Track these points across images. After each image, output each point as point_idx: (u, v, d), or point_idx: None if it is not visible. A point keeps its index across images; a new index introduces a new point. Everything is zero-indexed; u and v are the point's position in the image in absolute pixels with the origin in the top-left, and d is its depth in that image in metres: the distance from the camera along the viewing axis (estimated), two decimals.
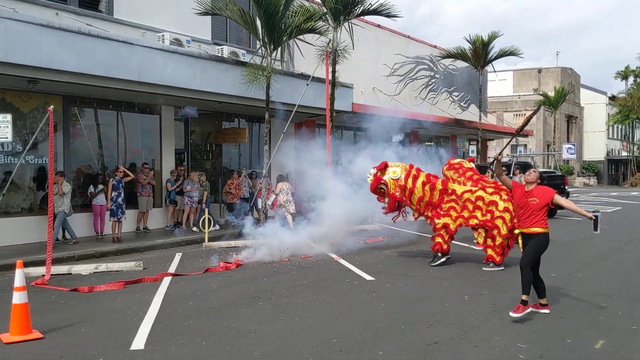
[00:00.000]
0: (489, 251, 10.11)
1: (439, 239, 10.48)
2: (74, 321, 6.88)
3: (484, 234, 10.32)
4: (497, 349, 5.75)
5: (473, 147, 27.03)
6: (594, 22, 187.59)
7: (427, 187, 10.65)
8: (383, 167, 10.77)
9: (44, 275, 9.29)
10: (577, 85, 57.28)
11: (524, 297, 6.78)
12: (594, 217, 6.85)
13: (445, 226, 10.48)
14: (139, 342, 6.04)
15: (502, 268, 9.95)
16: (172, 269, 10.33)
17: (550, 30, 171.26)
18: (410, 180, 10.68)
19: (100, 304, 7.81)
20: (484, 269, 10.02)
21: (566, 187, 20.63)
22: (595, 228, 6.90)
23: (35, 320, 6.48)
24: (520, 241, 7.25)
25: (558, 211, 20.13)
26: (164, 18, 15.42)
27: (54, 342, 6.10)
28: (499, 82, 48.53)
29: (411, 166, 10.97)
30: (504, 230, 9.97)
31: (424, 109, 26.21)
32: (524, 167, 20.69)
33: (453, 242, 11.38)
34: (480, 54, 25.48)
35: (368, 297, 8.07)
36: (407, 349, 5.76)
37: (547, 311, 7.06)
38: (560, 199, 7.13)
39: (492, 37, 25.22)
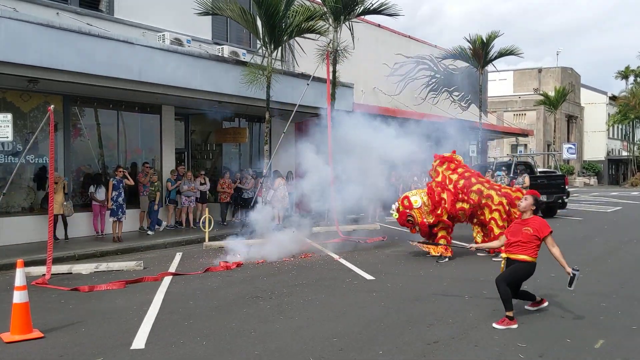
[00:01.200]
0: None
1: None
2: (74, 320, 6.89)
3: (481, 231, 11.31)
4: (497, 349, 5.76)
5: (473, 147, 26.99)
6: (594, 21, 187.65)
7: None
8: (404, 200, 11.32)
9: (44, 275, 9.30)
10: (577, 85, 57.28)
11: (508, 313, 6.52)
12: (572, 274, 6.56)
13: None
14: (139, 341, 6.05)
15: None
16: (172, 268, 10.34)
17: (551, 30, 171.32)
18: (435, 197, 11.19)
19: (100, 303, 7.82)
20: (493, 259, 10.61)
21: (566, 187, 20.62)
22: (570, 284, 6.56)
23: (35, 319, 6.49)
24: (502, 266, 6.95)
25: (558, 211, 20.15)
26: (164, 18, 15.43)
27: (54, 341, 6.11)
28: (499, 82, 48.59)
29: (429, 185, 11.49)
30: (500, 222, 10.92)
31: (425, 109, 26.21)
32: (527, 167, 20.74)
33: (453, 241, 11.50)
34: (480, 53, 25.48)
35: (368, 296, 8.08)
36: (407, 349, 5.77)
37: (546, 304, 7.22)
38: (550, 243, 6.74)
39: (492, 36, 25.23)
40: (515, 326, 6.45)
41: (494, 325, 6.48)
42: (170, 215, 15.77)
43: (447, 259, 10.92)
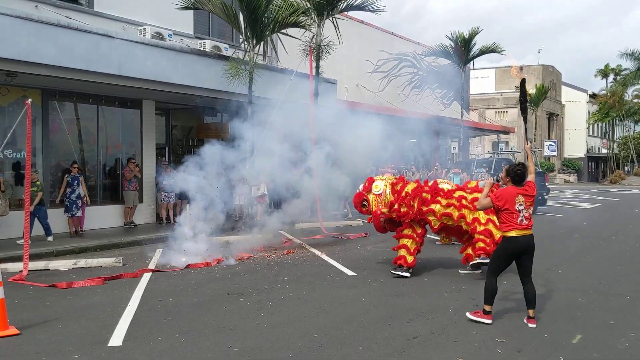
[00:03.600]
0: (469, 250, 9.28)
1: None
2: (51, 317, 6.80)
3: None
4: (476, 344, 5.79)
5: (455, 144, 27.16)
6: (575, 20, 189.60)
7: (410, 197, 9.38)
8: (366, 182, 9.91)
9: (21, 271, 9.16)
10: (558, 83, 57.81)
11: (486, 307, 6.47)
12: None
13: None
14: (116, 338, 5.98)
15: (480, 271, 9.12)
16: (152, 264, 10.25)
17: (533, 28, 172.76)
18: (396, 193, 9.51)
19: (78, 300, 7.72)
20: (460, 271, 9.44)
21: (546, 184, 20.82)
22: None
23: (12, 316, 6.39)
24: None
25: (538, 207, 20.34)
26: (145, 11, 15.26)
27: (30, 338, 6.02)
28: (482, 79, 48.85)
29: (401, 178, 9.99)
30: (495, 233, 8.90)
31: (408, 106, 26.27)
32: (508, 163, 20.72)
33: (429, 236, 11.25)
34: (462, 51, 25.60)
35: (349, 292, 8.08)
36: (387, 344, 5.77)
37: (533, 325, 6.36)
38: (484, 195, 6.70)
39: (473, 33, 25.36)
40: (489, 321, 6.41)
41: (467, 314, 6.56)
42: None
43: (407, 274, 9.08)
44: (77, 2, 14.13)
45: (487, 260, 8.60)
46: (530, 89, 45.39)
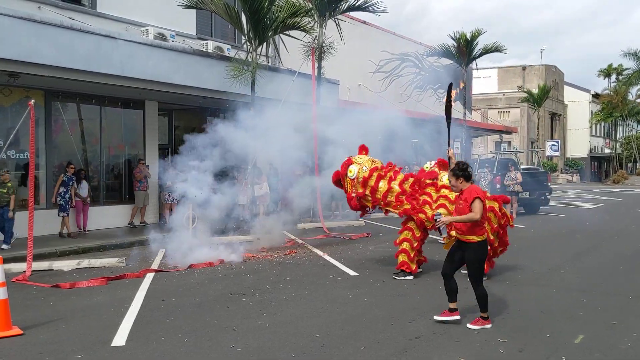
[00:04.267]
0: None
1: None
2: (54, 317, 6.82)
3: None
4: (478, 344, 5.79)
5: (457, 145, 27.13)
6: (577, 20, 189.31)
7: (393, 184, 9.49)
8: (345, 162, 9.82)
9: (24, 272, 9.20)
10: (560, 83, 57.78)
11: (452, 305, 6.43)
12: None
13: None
14: (119, 338, 6.00)
15: (486, 278, 8.57)
16: (155, 264, 10.27)
17: (535, 28, 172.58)
18: (374, 179, 9.49)
19: (81, 300, 7.75)
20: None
21: (549, 184, 20.80)
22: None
23: (15, 316, 6.42)
24: (446, 243, 6.68)
25: (541, 208, 20.32)
26: (148, 12, 15.30)
27: (33, 338, 6.04)
28: (484, 79, 48.80)
29: (389, 165, 9.84)
30: (491, 236, 8.57)
31: (410, 106, 26.27)
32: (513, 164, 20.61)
33: (432, 237, 11.25)
34: (464, 51, 25.59)
35: (351, 292, 8.09)
36: (389, 344, 5.78)
37: (489, 325, 6.29)
38: (474, 207, 6.12)
39: (476, 34, 25.34)
40: (456, 317, 6.43)
41: (435, 317, 6.48)
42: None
43: (410, 277, 8.97)
44: (79, 3, 14.18)
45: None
46: (533, 89, 45.38)
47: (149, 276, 9.22)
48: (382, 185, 9.51)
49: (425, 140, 19.16)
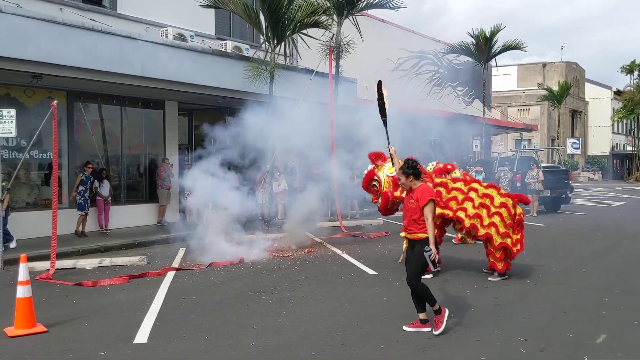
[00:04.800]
0: (490, 257, 8.84)
1: None
2: (77, 315, 6.93)
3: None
4: (498, 343, 5.76)
5: (477, 143, 26.96)
6: (599, 15, 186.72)
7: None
8: (378, 156, 9.62)
9: (48, 270, 9.35)
10: (581, 80, 57.03)
11: (421, 315, 6.14)
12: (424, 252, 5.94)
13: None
14: (142, 336, 6.08)
15: (506, 277, 8.76)
16: (175, 263, 10.37)
17: (555, 25, 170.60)
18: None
19: (103, 298, 7.86)
20: (489, 279, 8.80)
21: (570, 182, 20.57)
22: (434, 266, 6.09)
23: (39, 314, 6.53)
24: (404, 245, 6.41)
25: (562, 206, 20.09)
26: (167, 13, 15.43)
27: (57, 335, 6.15)
28: (503, 76, 48.39)
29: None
30: (501, 229, 8.60)
31: (428, 104, 26.16)
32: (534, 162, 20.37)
33: (452, 235, 11.24)
34: (483, 48, 25.40)
35: (370, 291, 8.10)
36: (408, 343, 5.78)
37: (427, 329, 6.10)
38: (427, 212, 5.95)
39: (495, 31, 25.13)
40: (427, 329, 6.07)
41: (405, 327, 6.15)
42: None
43: (429, 275, 8.50)
44: (100, 5, 14.35)
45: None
46: (554, 86, 44.87)
47: (170, 274, 9.32)
48: None
49: (444, 138, 19.10)
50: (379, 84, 7.80)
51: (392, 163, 6.99)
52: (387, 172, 9.51)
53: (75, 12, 13.29)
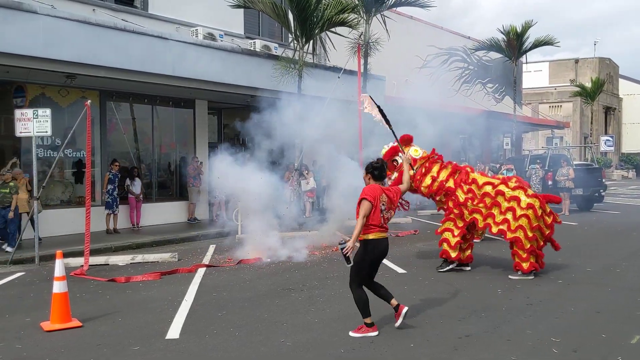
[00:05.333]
0: (516, 257, 8.76)
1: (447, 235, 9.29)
2: (111, 310, 7.07)
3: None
4: (530, 343, 5.70)
5: (507, 140, 26.62)
6: (633, 10, 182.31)
7: (443, 172, 9.38)
8: (407, 140, 9.42)
9: (82, 266, 9.55)
10: (615, 76, 55.84)
11: (367, 320, 5.99)
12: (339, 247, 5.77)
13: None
14: (174, 331, 6.18)
15: (532, 277, 8.66)
16: (206, 260, 10.49)
17: (587, 20, 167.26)
18: (427, 163, 9.42)
19: (136, 294, 8.00)
20: (510, 277, 8.74)
21: (604, 180, 20.17)
22: (347, 262, 5.82)
23: (74, 309, 6.68)
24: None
25: (595, 204, 19.72)
26: (197, 12, 15.58)
27: (92, 330, 6.28)
28: (535, 73, 47.63)
29: (433, 151, 9.70)
30: (529, 232, 8.57)
31: (458, 101, 25.91)
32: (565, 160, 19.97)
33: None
34: (514, 44, 25.02)
35: (400, 289, 8.05)
36: (439, 341, 5.76)
37: (406, 309, 6.12)
38: (359, 208, 5.86)
39: (526, 27, 24.70)
40: (374, 334, 5.94)
41: (351, 333, 5.97)
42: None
43: (451, 266, 9.17)
44: (132, 5, 14.57)
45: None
46: (586, 83, 44.01)
47: (201, 271, 9.43)
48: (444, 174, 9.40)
49: (474, 135, 18.89)
50: (370, 98, 8.13)
51: (405, 169, 7.09)
52: (412, 154, 9.40)
53: (107, 12, 13.52)
